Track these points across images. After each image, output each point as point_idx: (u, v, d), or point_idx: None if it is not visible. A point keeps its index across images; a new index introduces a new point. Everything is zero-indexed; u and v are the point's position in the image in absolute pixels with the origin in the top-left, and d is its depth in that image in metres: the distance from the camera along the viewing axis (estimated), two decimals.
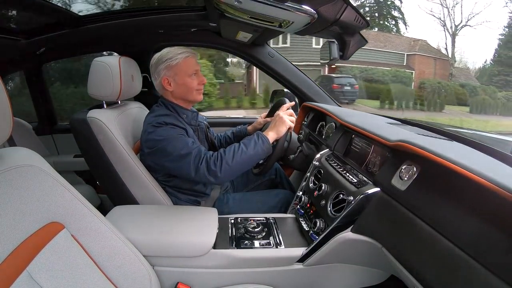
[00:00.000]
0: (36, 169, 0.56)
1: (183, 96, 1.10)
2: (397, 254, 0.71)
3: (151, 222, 0.91)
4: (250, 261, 0.87)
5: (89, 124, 1.00)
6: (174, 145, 0.97)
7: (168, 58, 1.06)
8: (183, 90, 1.09)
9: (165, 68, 1.06)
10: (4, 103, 0.49)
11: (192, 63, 1.08)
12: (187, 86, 1.08)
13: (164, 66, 1.06)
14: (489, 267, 0.48)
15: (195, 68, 1.09)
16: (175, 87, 1.08)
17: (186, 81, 1.07)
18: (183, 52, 1.07)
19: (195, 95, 1.11)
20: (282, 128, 1.04)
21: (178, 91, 1.09)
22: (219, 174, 0.94)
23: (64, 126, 1.85)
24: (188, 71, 1.07)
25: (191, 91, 1.09)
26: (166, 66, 1.06)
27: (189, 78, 1.08)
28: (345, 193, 0.86)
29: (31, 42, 1.43)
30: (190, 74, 1.08)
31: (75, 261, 0.57)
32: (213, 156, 0.96)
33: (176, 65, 1.06)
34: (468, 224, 0.54)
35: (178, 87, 1.08)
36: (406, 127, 1.09)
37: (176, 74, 1.07)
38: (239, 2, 0.81)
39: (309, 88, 1.66)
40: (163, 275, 0.83)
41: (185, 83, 1.08)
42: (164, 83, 1.08)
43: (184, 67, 1.07)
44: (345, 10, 0.83)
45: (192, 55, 1.09)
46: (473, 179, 0.53)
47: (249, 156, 0.97)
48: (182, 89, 1.08)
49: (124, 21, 1.35)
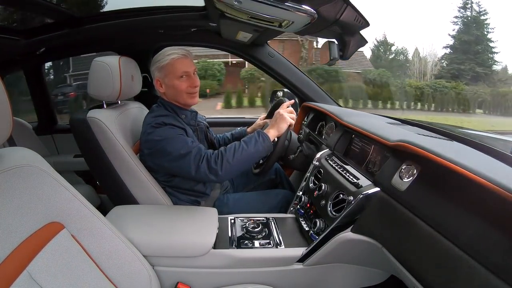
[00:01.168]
0: (36, 169, 0.56)
1: (174, 99, 1.08)
2: (397, 254, 0.71)
3: (151, 222, 0.91)
4: (250, 261, 0.87)
5: (89, 124, 1.00)
6: (173, 145, 0.97)
7: (158, 59, 1.05)
8: (173, 92, 1.06)
9: (156, 70, 1.06)
10: (4, 103, 0.49)
11: (181, 65, 1.04)
12: (175, 88, 1.05)
13: (155, 68, 1.06)
14: (489, 267, 0.48)
15: (184, 69, 1.05)
16: (165, 89, 1.07)
17: (174, 84, 1.05)
18: (172, 53, 1.04)
19: (185, 98, 1.07)
20: (282, 125, 1.04)
21: (169, 93, 1.08)
22: (220, 172, 0.94)
23: (64, 126, 1.85)
24: (176, 73, 1.04)
25: (180, 94, 1.06)
26: (156, 68, 1.06)
27: (177, 81, 1.04)
28: (345, 193, 0.86)
29: (31, 42, 1.43)
30: (178, 76, 1.04)
31: (75, 261, 0.57)
32: (213, 155, 0.96)
33: (165, 66, 1.04)
34: (468, 224, 0.54)
35: (168, 89, 1.07)
36: (406, 127, 1.09)
37: (166, 76, 1.05)
38: (239, 2, 0.81)
39: (309, 88, 1.66)
40: (163, 275, 0.83)
41: (173, 85, 1.05)
42: (157, 85, 1.07)
43: (172, 68, 1.04)
44: (345, 10, 0.83)
45: (182, 56, 1.05)
46: (473, 179, 0.52)
47: (250, 154, 0.97)
48: (172, 91, 1.06)
49: (124, 21, 1.35)
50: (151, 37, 1.60)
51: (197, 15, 1.28)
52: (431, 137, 0.89)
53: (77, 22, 1.35)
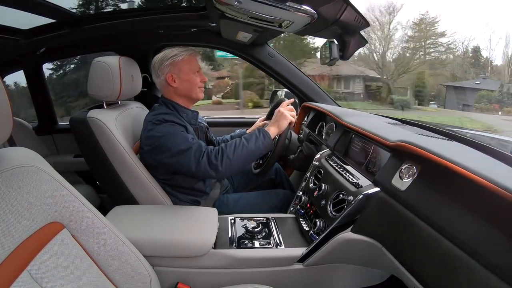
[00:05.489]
0: (36, 169, 0.56)
1: (186, 93, 1.12)
2: (397, 254, 0.71)
3: (151, 222, 0.91)
4: (250, 261, 0.87)
5: (89, 124, 1.00)
6: (174, 140, 0.98)
7: (174, 55, 1.09)
8: (187, 86, 1.11)
9: (170, 65, 1.09)
10: (4, 103, 0.49)
11: (196, 61, 1.12)
12: (191, 82, 1.10)
13: (169, 63, 1.09)
14: (489, 267, 0.48)
15: (198, 65, 1.13)
16: (179, 83, 1.10)
17: (191, 77, 1.10)
18: (188, 50, 1.12)
19: (197, 92, 1.13)
20: (283, 122, 1.05)
21: (182, 88, 1.11)
22: (220, 168, 0.95)
23: (64, 126, 1.85)
24: (193, 67, 1.11)
25: (194, 87, 1.11)
26: (171, 63, 1.09)
27: (193, 75, 1.11)
28: (345, 193, 0.86)
29: (31, 42, 1.43)
30: (195, 70, 1.11)
31: (75, 261, 0.57)
32: (214, 150, 0.98)
33: (182, 61, 1.09)
34: (468, 224, 0.54)
35: (182, 83, 1.10)
36: (406, 127, 1.09)
37: (181, 71, 1.09)
38: (239, 2, 0.81)
39: (309, 88, 1.66)
40: (163, 275, 0.83)
41: (189, 79, 1.10)
42: (169, 79, 1.09)
43: (189, 63, 1.10)
44: (345, 10, 0.83)
45: (196, 53, 1.13)
46: (473, 179, 0.53)
47: (250, 150, 0.98)
48: (186, 85, 1.10)
49: (124, 21, 1.35)
50: (151, 37, 1.61)
51: (197, 15, 1.28)
52: (431, 137, 0.89)
53: (77, 22, 1.35)
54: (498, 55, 8.28)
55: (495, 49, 7.45)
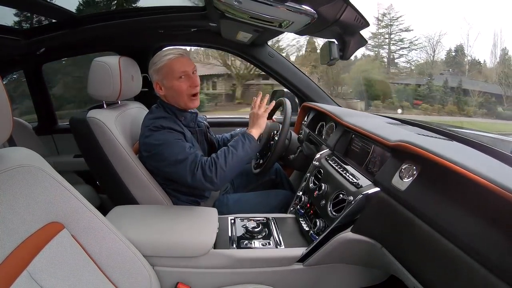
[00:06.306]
0: (36, 169, 0.56)
1: (175, 102, 1.05)
2: (397, 254, 0.71)
3: (151, 222, 0.91)
4: (250, 261, 0.87)
5: (89, 124, 1.00)
6: (171, 150, 0.96)
7: (154, 62, 1.02)
8: (173, 94, 1.04)
9: (154, 72, 1.04)
10: (4, 103, 0.49)
11: (179, 65, 1.01)
12: (175, 90, 1.02)
13: (152, 70, 1.04)
14: (488, 267, 0.48)
15: (182, 69, 1.01)
16: (165, 91, 1.04)
17: (174, 85, 1.01)
18: (168, 54, 1.01)
19: (186, 100, 1.04)
20: (260, 121, 1.05)
21: (170, 96, 1.05)
22: (215, 180, 0.93)
23: (64, 126, 1.85)
24: (174, 73, 1.01)
25: (181, 95, 1.03)
26: (154, 70, 1.03)
27: (177, 81, 1.01)
28: (345, 193, 0.86)
29: (31, 42, 1.43)
30: (177, 76, 1.01)
31: (75, 261, 0.57)
32: (207, 162, 0.95)
33: (162, 68, 1.01)
34: (468, 224, 0.54)
35: (168, 91, 1.04)
36: (406, 127, 1.09)
37: (164, 78, 1.02)
38: (239, 2, 0.81)
39: (309, 88, 1.66)
40: (163, 275, 0.83)
41: (173, 87, 1.02)
42: (156, 88, 1.05)
43: (169, 69, 1.01)
44: (345, 10, 0.83)
45: (179, 56, 1.02)
46: (473, 179, 0.53)
47: (240, 157, 0.97)
48: (172, 93, 1.03)
49: (124, 21, 1.35)
50: (151, 37, 1.60)
51: (197, 15, 1.29)
52: (431, 137, 0.89)
53: (77, 22, 1.35)
54: (476, 51, 8.06)
55: (473, 45, 7.27)
